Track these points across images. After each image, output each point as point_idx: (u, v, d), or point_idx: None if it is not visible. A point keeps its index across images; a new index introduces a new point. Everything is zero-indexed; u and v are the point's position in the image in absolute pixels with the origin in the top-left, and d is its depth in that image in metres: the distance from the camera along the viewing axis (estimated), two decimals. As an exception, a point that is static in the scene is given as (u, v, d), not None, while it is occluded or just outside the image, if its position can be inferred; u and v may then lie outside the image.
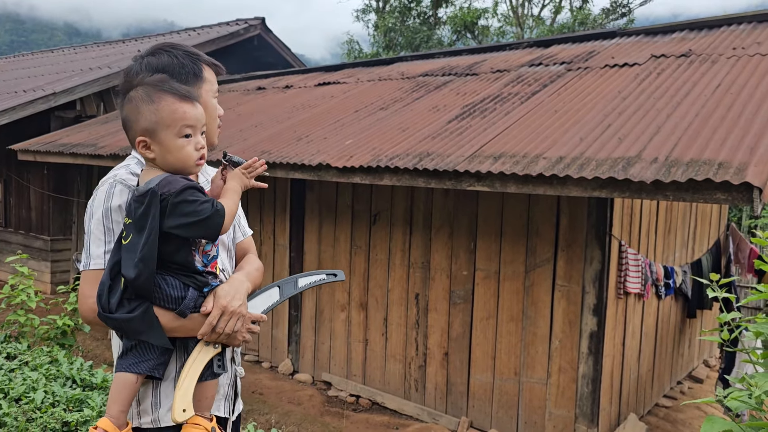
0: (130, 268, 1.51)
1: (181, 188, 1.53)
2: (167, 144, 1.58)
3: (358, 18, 23.03)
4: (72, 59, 12.93)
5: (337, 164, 4.67)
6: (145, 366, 1.57)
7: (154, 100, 1.58)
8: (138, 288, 1.52)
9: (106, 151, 6.93)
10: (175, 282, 1.57)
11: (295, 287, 1.82)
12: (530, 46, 7.16)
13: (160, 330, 1.55)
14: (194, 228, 1.53)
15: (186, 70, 1.76)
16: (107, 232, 1.62)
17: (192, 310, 1.59)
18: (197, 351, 1.61)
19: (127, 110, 1.60)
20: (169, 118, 1.58)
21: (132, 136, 1.61)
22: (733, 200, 3.09)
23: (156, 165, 1.61)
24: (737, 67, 4.58)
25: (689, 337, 6.45)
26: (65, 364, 3.95)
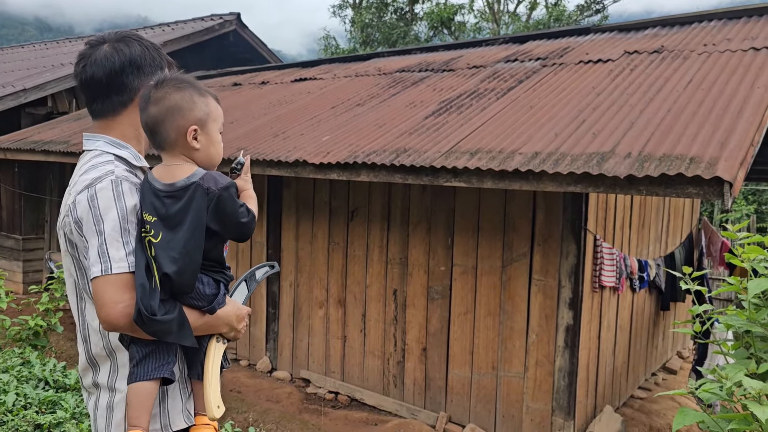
0: (173, 265, 1.46)
1: (228, 184, 1.54)
2: (213, 136, 1.64)
3: (335, 14, 22.96)
4: (43, 55, 12.69)
5: (314, 161, 4.65)
6: (168, 369, 1.55)
7: (203, 95, 1.62)
8: (181, 285, 1.49)
9: (79, 149, 6.81)
10: (207, 279, 1.59)
11: (255, 280, 1.87)
12: (506, 42, 7.20)
13: (190, 329, 1.54)
14: (230, 229, 1.56)
15: (156, 62, 1.74)
16: (125, 234, 1.52)
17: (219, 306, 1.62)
18: (213, 347, 1.64)
19: (176, 98, 1.57)
20: (216, 113, 1.65)
21: (180, 125, 1.57)
22: (704, 194, 3.14)
23: (192, 158, 1.60)
24: (708, 63, 4.66)
25: (663, 330, 6.56)
26: (38, 366, 3.88)
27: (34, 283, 8.95)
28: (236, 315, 1.68)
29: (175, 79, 1.61)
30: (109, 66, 1.67)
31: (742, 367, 1.64)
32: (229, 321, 1.66)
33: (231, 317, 1.66)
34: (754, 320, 1.81)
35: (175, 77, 1.62)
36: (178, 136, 1.58)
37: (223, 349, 1.67)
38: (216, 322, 1.62)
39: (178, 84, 1.59)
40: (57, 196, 9.31)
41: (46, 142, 7.56)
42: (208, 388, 1.58)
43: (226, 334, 1.67)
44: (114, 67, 1.67)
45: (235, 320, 1.68)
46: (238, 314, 1.69)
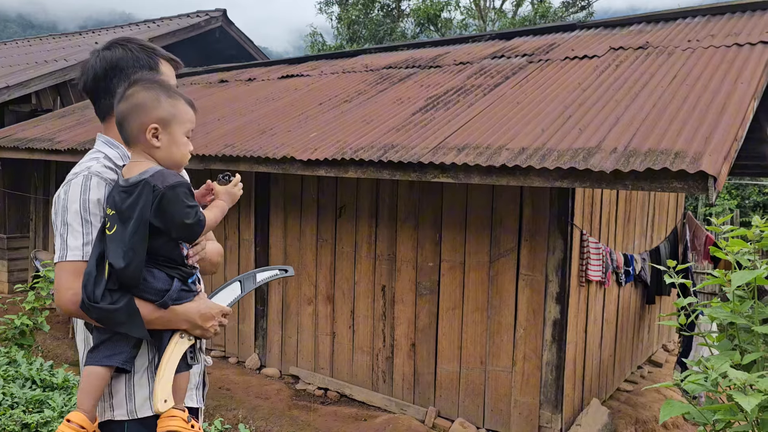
0: (119, 258, 1.53)
1: (175, 183, 1.57)
2: (176, 137, 1.66)
3: (322, 10, 22.87)
4: (26, 52, 12.54)
5: (302, 157, 4.64)
6: (118, 359, 1.60)
7: (171, 96, 1.67)
8: (126, 277, 1.54)
9: (63, 146, 6.75)
10: (160, 274, 1.62)
11: (254, 282, 1.89)
12: (492, 39, 7.22)
13: (141, 321, 1.58)
14: (174, 228, 1.58)
15: (140, 63, 1.79)
16: (85, 224, 1.63)
17: (174, 301, 1.64)
18: (174, 343, 1.66)
19: (142, 97, 1.63)
20: (183, 116, 1.68)
21: (142, 122, 1.63)
22: (689, 189, 3.18)
23: (152, 156, 1.65)
24: (692, 59, 4.70)
25: (649, 323, 6.63)
26: (24, 365, 3.85)
27: (20, 282, 8.87)
28: (201, 313, 1.69)
29: (147, 80, 1.67)
30: (93, 73, 1.80)
31: (727, 358, 1.67)
32: (190, 318, 1.67)
33: (192, 315, 1.67)
34: (737, 312, 1.84)
35: (147, 78, 1.69)
36: (139, 132, 1.64)
37: (185, 345, 1.67)
38: (173, 317, 1.64)
39: (148, 84, 1.66)
40: (42, 194, 9.22)
41: (30, 140, 7.48)
42: (158, 381, 1.60)
43: (191, 331, 1.68)
44: (97, 73, 1.79)
45: (200, 318, 1.68)
46: (204, 313, 1.69)
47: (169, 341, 1.66)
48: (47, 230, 9.25)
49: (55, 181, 9.08)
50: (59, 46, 12.19)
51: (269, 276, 1.94)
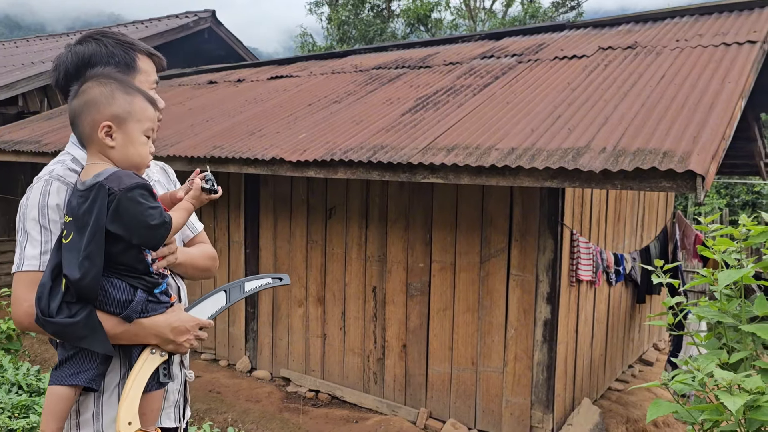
0: (74, 268, 1.41)
1: (132, 185, 1.45)
2: (133, 136, 1.54)
3: (312, 11, 22.85)
4: (13, 53, 12.44)
5: (291, 158, 4.62)
6: (84, 377, 1.49)
7: (129, 93, 1.55)
8: (83, 289, 1.43)
9: (50, 148, 6.70)
10: (121, 284, 1.50)
11: (242, 292, 1.76)
12: (482, 39, 7.22)
13: (103, 336, 1.46)
14: (136, 232, 1.45)
15: (116, 59, 1.67)
16: (44, 232, 1.52)
17: (139, 314, 1.51)
18: (143, 359, 1.54)
19: (96, 93, 1.52)
20: (141, 113, 1.56)
21: (95, 119, 1.52)
22: (677, 188, 3.18)
23: (108, 157, 1.54)
24: (680, 59, 4.72)
25: (639, 322, 6.65)
26: (11, 370, 3.81)
27: (7, 286, 8.78)
28: (173, 327, 1.56)
29: (103, 75, 1.56)
30: (64, 69, 1.68)
31: (714, 357, 1.67)
32: (160, 332, 1.54)
33: (162, 329, 1.54)
34: (725, 311, 1.84)
35: (103, 72, 1.57)
36: (92, 131, 1.53)
37: (156, 362, 1.54)
38: (140, 331, 1.52)
39: (103, 79, 1.55)
40: (29, 197, 9.15)
41: (16, 142, 7.41)
42: (122, 402, 1.48)
43: (163, 346, 1.56)
44: (68, 69, 1.67)
45: (171, 332, 1.55)
46: (176, 326, 1.57)
47: (138, 357, 1.54)
48: (35, 233, 9.17)
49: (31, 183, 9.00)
50: (46, 48, 12.10)
51: (260, 285, 1.79)
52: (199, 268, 1.82)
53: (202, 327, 1.64)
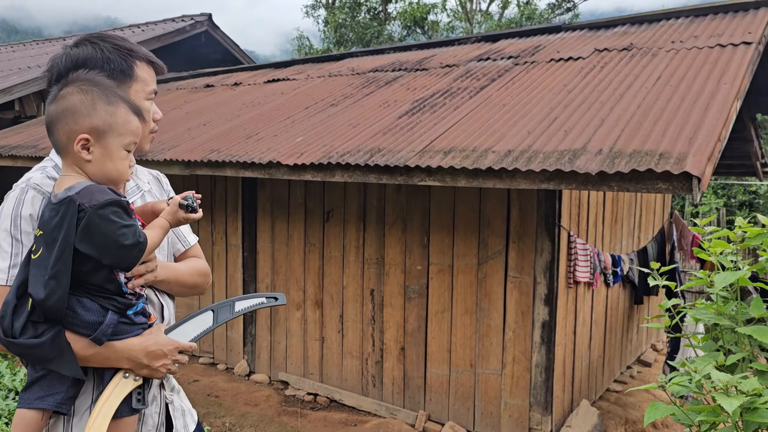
0: (40, 287, 1.32)
1: (104, 202, 1.35)
2: (111, 150, 1.44)
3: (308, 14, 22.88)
4: (9, 57, 12.43)
5: (288, 162, 4.62)
6: (52, 400, 1.39)
7: (111, 102, 1.45)
8: (48, 310, 1.34)
9: (47, 153, 6.68)
10: (92, 305, 1.40)
11: (231, 312, 1.66)
12: (479, 41, 7.23)
13: (72, 358, 1.37)
14: (107, 252, 1.36)
15: (111, 66, 1.58)
16: (15, 244, 1.43)
17: (110, 337, 1.42)
18: (114, 384, 1.44)
19: (75, 101, 1.42)
20: (123, 126, 1.46)
21: (72, 129, 1.42)
22: (674, 189, 3.19)
23: (83, 170, 1.45)
24: (676, 60, 4.73)
25: (637, 323, 6.65)
26: (7, 376, 3.80)
27: None
28: (147, 351, 1.46)
29: (85, 80, 1.46)
30: (57, 71, 1.60)
31: (711, 359, 1.67)
32: (133, 356, 1.45)
33: (136, 352, 1.45)
34: (721, 313, 1.84)
35: (86, 77, 1.48)
36: (68, 142, 1.43)
37: (129, 387, 1.45)
38: (111, 355, 1.43)
39: (85, 86, 1.45)
40: (26, 202, 9.13)
41: (13, 147, 7.40)
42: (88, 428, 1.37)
43: (137, 370, 1.46)
44: (61, 72, 1.59)
45: (146, 357, 1.45)
46: (152, 350, 1.46)
47: (110, 381, 1.44)
48: (32, 238, 9.16)
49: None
50: (43, 52, 12.09)
51: (252, 305, 1.68)
52: (186, 285, 1.72)
53: (182, 351, 1.54)
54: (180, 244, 1.80)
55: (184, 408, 1.77)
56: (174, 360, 1.51)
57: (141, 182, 1.74)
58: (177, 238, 1.80)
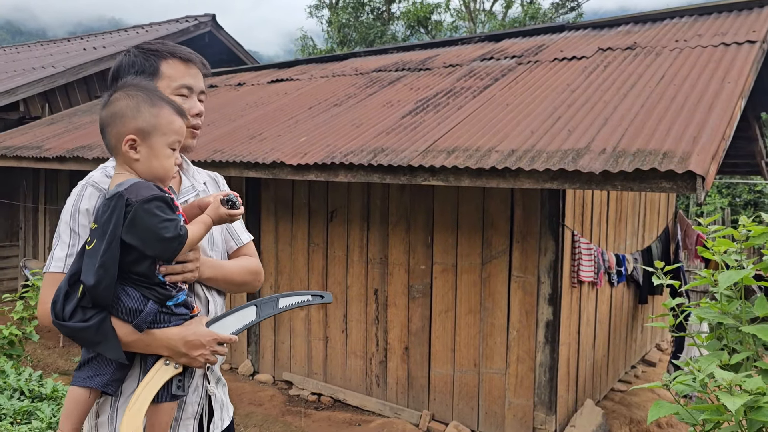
0: (90, 275, 1.44)
1: (149, 197, 1.46)
2: (157, 149, 1.55)
3: (312, 14, 22.90)
4: (14, 59, 12.48)
5: (292, 162, 4.63)
6: (99, 380, 1.50)
7: (155, 104, 1.56)
8: (97, 296, 1.45)
9: (51, 154, 6.71)
10: (134, 293, 1.50)
11: (275, 308, 1.69)
12: (482, 41, 7.23)
13: (115, 342, 1.47)
14: (150, 244, 1.46)
15: (135, 69, 1.70)
16: (72, 236, 1.57)
17: (150, 325, 1.51)
18: (155, 370, 1.53)
19: (122, 105, 1.55)
20: (167, 126, 1.56)
21: (120, 131, 1.54)
22: (678, 188, 3.18)
23: (132, 169, 1.56)
24: (680, 59, 4.72)
25: (641, 323, 6.64)
26: (13, 375, 3.82)
27: (9, 291, 8.80)
28: (186, 341, 1.53)
29: (132, 86, 1.58)
30: (109, 80, 1.77)
31: (715, 358, 1.67)
32: (172, 345, 1.53)
33: (175, 341, 1.53)
34: (726, 312, 1.84)
35: (132, 83, 1.59)
36: (117, 143, 1.56)
37: (169, 373, 1.53)
38: (152, 342, 1.52)
39: (131, 91, 1.57)
40: (31, 202, 9.16)
41: (18, 148, 7.43)
42: (127, 410, 1.46)
43: (176, 359, 1.54)
44: (108, 81, 1.77)
45: (184, 346, 1.53)
46: (190, 340, 1.54)
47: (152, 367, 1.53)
48: (37, 238, 9.19)
49: (44, 189, 9.02)
50: (47, 53, 12.13)
51: (296, 302, 1.71)
52: (235, 283, 1.78)
53: (221, 342, 1.60)
54: (233, 241, 1.86)
55: (224, 402, 1.81)
56: (212, 351, 1.58)
57: (196, 182, 1.83)
58: (230, 236, 1.86)
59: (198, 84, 1.77)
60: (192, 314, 1.61)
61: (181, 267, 1.57)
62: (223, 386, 1.84)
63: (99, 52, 10.60)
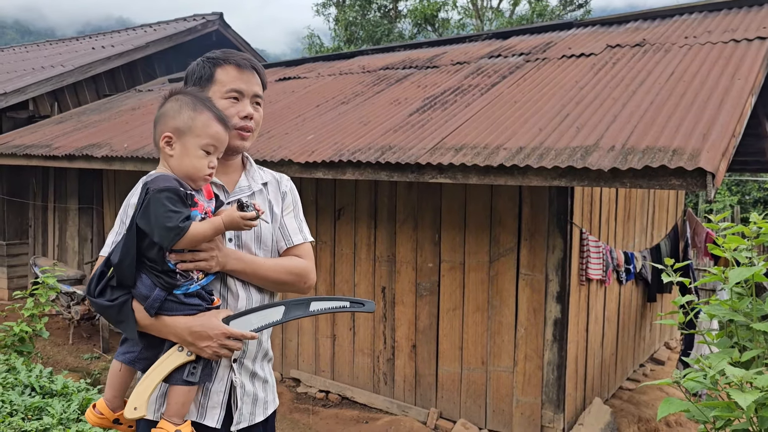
0: (117, 254, 1.59)
1: (162, 188, 1.57)
2: (189, 148, 1.66)
3: (319, 12, 22.91)
4: (23, 58, 12.55)
5: (300, 159, 4.63)
6: (129, 357, 1.66)
7: (196, 109, 1.68)
8: (121, 275, 1.59)
9: (60, 152, 6.75)
10: (146, 280, 1.60)
11: (305, 310, 1.70)
12: (489, 38, 7.21)
13: (133, 323, 1.59)
14: (154, 230, 1.55)
15: (195, 76, 1.84)
16: (121, 225, 1.71)
17: (160, 311, 1.60)
18: (168, 354, 1.62)
19: (168, 106, 1.70)
20: (202, 129, 1.67)
21: (161, 129, 1.69)
22: (687, 186, 3.16)
23: (167, 164, 1.69)
24: (689, 56, 4.69)
25: (650, 321, 6.61)
26: (23, 372, 3.84)
27: (19, 289, 8.86)
28: (192, 331, 1.61)
29: (180, 92, 1.72)
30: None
31: (726, 355, 1.66)
32: (178, 333, 1.61)
33: (181, 330, 1.61)
34: (736, 309, 1.83)
35: (182, 89, 1.74)
36: (158, 139, 1.70)
37: (181, 359, 1.61)
38: (163, 328, 1.62)
39: (179, 95, 1.71)
40: (40, 201, 9.21)
41: (27, 146, 7.47)
42: (138, 387, 1.58)
43: (186, 347, 1.63)
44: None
45: (190, 335, 1.61)
46: (196, 331, 1.61)
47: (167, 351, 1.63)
48: (46, 237, 9.25)
49: (53, 187, 9.07)
50: (56, 52, 12.19)
51: (331, 307, 1.69)
52: (269, 280, 1.79)
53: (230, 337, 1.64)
54: (284, 241, 1.90)
55: (260, 397, 1.84)
56: (221, 344, 1.63)
57: (254, 183, 1.89)
58: (282, 236, 1.89)
59: (250, 89, 1.84)
60: (211, 306, 1.67)
61: (191, 256, 1.63)
62: (264, 382, 1.87)
63: (107, 51, 10.64)
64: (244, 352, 1.77)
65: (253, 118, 1.84)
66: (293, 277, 1.83)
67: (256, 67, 1.87)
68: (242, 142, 1.83)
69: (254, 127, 1.86)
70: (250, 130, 1.84)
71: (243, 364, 1.79)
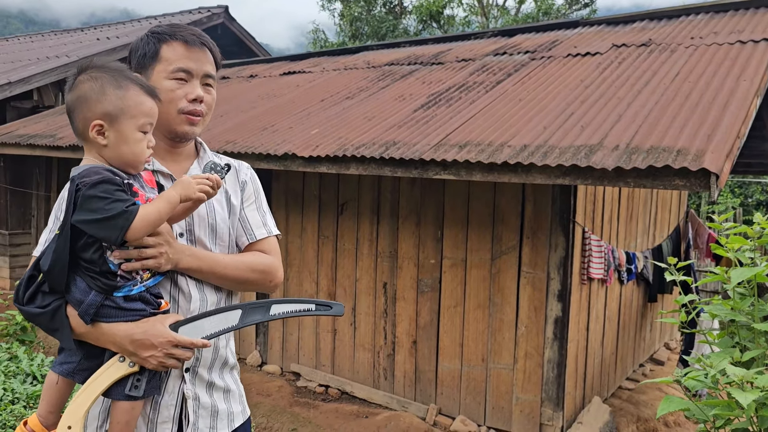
0: (47, 259, 1.40)
1: (96, 181, 1.37)
2: (126, 134, 1.44)
3: (324, 7, 22.85)
4: (28, 48, 12.55)
5: (303, 154, 4.64)
6: (66, 368, 1.46)
7: (121, 86, 1.45)
8: (51, 281, 1.40)
9: (65, 142, 6.76)
10: (81, 283, 1.41)
11: (264, 314, 1.54)
12: (495, 36, 7.20)
13: (68, 331, 1.40)
14: (94, 226, 1.35)
15: (138, 53, 1.62)
16: (55, 221, 1.53)
17: (96, 318, 1.41)
18: (107, 365, 1.43)
19: (86, 88, 1.44)
20: (135, 108, 1.45)
21: (86, 117, 1.44)
22: (691, 186, 3.17)
23: (101, 155, 1.46)
24: (695, 56, 4.69)
25: (650, 321, 6.62)
26: (25, 361, 3.86)
27: (22, 279, 8.87)
28: (132, 339, 1.41)
29: (96, 67, 1.47)
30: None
31: (727, 355, 1.66)
32: (118, 341, 1.41)
33: (121, 338, 1.41)
34: (738, 309, 1.83)
35: (97, 64, 1.48)
36: (84, 129, 1.46)
37: (122, 371, 1.42)
38: (100, 336, 1.42)
39: (95, 72, 1.46)
40: (43, 191, 9.23)
41: (31, 136, 7.48)
42: (72, 402, 1.38)
43: (128, 357, 1.43)
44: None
45: (131, 344, 1.40)
46: (137, 339, 1.41)
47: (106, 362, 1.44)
48: (49, 227, 9.26)
49: (56, 177, 9.09)
50: (61, 43, 12.20)
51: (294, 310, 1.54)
52: (231, 279, 1.60)
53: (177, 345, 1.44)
54: (245, 236, 1.71)
55: (221, 409, 1.66)
56: (167, 354, 1.43)
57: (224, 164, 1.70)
58: (243, 231, 1.71)
59: (200, 68, 1.62)
60: (157, 311, 1.48)
61: (137, 252, 1.42)
62: (225, 392, 1.68)
63: (112, 42, 10.65)
64: (197, 360, 1.58)
65: (203, 101, 1.63)
66: (257, 275, 1.65)
67: (208, 44, 1.66)
68: (191, 128, 1.62)
69: (205, 111, 1.65)
70: (200, 115, 1.63)
71: (197, 374, 1.60)
